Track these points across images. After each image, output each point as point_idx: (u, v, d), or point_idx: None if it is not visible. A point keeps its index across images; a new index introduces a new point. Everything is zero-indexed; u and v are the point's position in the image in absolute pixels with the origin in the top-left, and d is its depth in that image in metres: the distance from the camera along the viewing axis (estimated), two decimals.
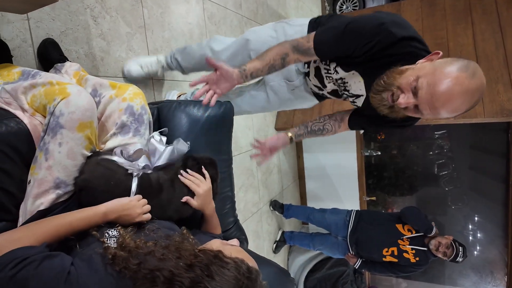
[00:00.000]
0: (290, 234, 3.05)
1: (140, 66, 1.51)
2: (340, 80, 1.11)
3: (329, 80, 1.17)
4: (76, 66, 1.12)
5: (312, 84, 1.29)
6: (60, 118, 0.80)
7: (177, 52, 1.52)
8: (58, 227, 0.70)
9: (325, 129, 1.33)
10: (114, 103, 0.91)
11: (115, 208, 0.79)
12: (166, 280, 0.57)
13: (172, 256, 0.62)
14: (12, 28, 1.09)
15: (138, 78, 1.53)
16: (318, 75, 1.20)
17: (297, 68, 1.27)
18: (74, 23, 1.29)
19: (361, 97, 1.09)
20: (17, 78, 0.92)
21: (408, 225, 2.32)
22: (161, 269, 0.59)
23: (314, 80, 1.24)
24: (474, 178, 3.72)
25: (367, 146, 3.74)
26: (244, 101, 1.48)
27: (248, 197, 2.68)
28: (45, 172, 0.79)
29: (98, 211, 0.77)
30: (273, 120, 3.17)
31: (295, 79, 1.31)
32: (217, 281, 0.58)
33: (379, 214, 2.52)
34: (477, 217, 3.79)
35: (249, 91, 1.47)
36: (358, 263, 2.49)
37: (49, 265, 0.58)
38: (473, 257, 3.71)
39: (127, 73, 1.51)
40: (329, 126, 1.31)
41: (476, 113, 2.38)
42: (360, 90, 1.07)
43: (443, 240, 2.17)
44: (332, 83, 1.18)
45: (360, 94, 1.09)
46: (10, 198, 0.81)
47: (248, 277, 0.61)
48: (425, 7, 2.84)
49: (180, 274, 0.58)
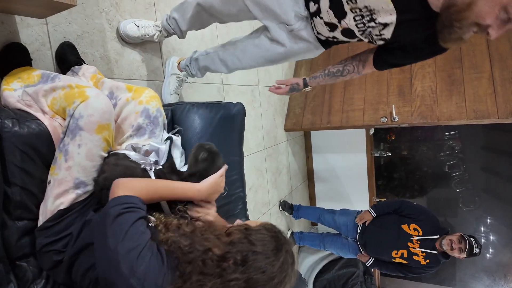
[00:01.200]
0: (300, 235, 3.05)
1: (137, 26, 1.45)
2: (365, 9, 0.97)
3: (351, 5, 0.99)
4: (93, 69, 1.15)
5: (320, 24, 1.11)
6: (79, 120, 0.82)
7: (173, 11, 1.43)
8: (164, 189, 0.82)
9: (345, 69, 1.24)
10: (130, 106, 0.93)
11: (210, 188, 0.89)
12: (219, 258, 0.64)
13: (212, 235, 0.69)
14: (32, 32, 1.12)
15: (133, 39, 1.47)
16: (336, 1, 1.02)
17: (295, 11, 1.13)
18: (90, 27, 1.32)
19: (390, 26, 0.97)
20: (37, 81, 0.94)
21: (413, 224, 2.30)
22: (211, 249, 0.65)
23: (328, 14, 1.06)
24: (486, 179, 3.66)
25: (377, 146, 3.71)
26: (247, 53, 1.35)
27: (258, 198, 2.69)
28: (65, 173, 0.82)
29: (193, 186, 0.87)
30: (282, 121, 3.18)
31: (293, 23, 1.16)
32: (260, 245, 0.66)
33: (386, 216, 2.50)
34: (490, 219, 3.73)
35: (252, 40, 1.33)
36: (370, 261, 2.48)
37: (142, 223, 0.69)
38: (486, 260, 3.65)
39: (122, 32, 1.43)
40: (351, 67, 1.23)
41: (490, 113, 2.34)
42: (390, 16, 0.95)
43: (453, 237, 2.14)
44: (353, 13, 1.01)
45: (389, 22, 0.97)
46: (31, 197, 0.84)
47: (280, 231, 0.73)
48: None
49: (230, 250, 0.65)
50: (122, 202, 0.69)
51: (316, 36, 1.19)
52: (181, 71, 1.61)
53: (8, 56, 1.02)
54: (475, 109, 2.41)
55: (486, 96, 2.41)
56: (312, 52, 1.26)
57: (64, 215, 0.81)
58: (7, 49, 1.03)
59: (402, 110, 2.66)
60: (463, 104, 2.46)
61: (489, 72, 2.45)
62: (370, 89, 2.87)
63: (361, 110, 2.84)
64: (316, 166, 3.76)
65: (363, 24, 1.02)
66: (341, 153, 3.58)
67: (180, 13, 1.39)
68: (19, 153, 0.80)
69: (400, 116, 2.64)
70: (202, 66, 1.51)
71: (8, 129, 0.79)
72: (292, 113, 3.20)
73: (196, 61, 1.52)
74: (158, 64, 1.67)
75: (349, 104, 2.92)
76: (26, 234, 0.83)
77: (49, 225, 0.81)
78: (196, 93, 1.96)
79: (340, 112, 2.93)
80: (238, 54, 1.36)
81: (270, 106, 2.91)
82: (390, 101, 2.74)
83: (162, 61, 1.70)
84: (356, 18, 1.01)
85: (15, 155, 0.80)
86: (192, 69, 1.56)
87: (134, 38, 1.46)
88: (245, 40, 1.35)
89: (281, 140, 3.15)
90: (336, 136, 3.54)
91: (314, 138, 3.72)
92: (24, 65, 1.04)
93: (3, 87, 0.93)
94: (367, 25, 1.01)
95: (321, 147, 3.70)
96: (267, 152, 2.84)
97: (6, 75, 0.98)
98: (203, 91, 2.02)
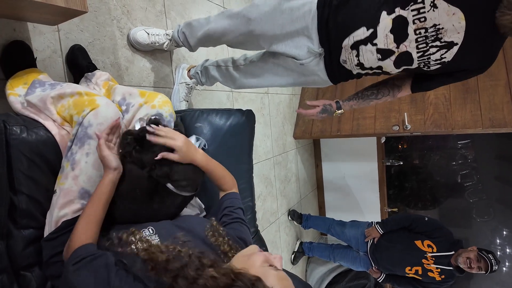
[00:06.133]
0: (309, 245, 2.99)
1: (147, 34, 1.44)
2: (433, 28, 0.92)
3: (417, 25, 0.93)
4: (106, 76, 1.14)
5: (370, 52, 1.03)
6: (88, 128, 0.81)
7: (184, 25, 1.41)
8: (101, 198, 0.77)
9: (380, 93, 1.21)
10: (142, 110, 0.92)
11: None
12: None
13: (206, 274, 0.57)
14: (44, 39, 1.12)
15: (143, 46, 1.46)
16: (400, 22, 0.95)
17: (308, 46, 1.11)
18: (102, 34, 1.32)
19: (455, 47, 0.93)
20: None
21: (427, 240, 2.21)
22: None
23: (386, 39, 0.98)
24: (501, 189, 3.55)
25: (388, 155, 3.64)
26: (256, 76, 1.35)
27: (267, 206, 2.65)
28: (71, 182, 0.80)
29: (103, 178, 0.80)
30: (292, 128, 3.15)
31: (303, 59, 1.14)
32: None
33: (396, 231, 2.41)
34: (506, 231, 3.61)
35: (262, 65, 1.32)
36: (381, 278, 2.40)
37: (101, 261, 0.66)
38: (503, 274, 3.52)
39: (132, 39, 1.43)
40: (386, 90, 1.20)
41: (507, 122, 2.27)
42: (458, 34, 0.90)
43: (470, 254, 2.04)
44: (416, 34, 0.95)
45: (456, 42, 0.92)
46: (38, 206, 0.82)
47: None
48: None
49: None
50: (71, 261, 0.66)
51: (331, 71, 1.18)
52: (191, 78, 1.60)
53: (12, 56, 1.01)
54: (491, 118, 2.34)
55: (502, 104, 2.34)
56: (318, 84, 1.27)
57: (69, 226, 0.79)
58: (11, 48, 1.01)
59: (415, 118, 2.60)
60: (478, 112, 2.40)
61: (505, 79, 2.39)
62: None
63: (372, 118, 2.80)
64: (325, 174, 3.70)
65: (425, 45, 0.96)
66: (351, 161, 3.52)
67: (189, 30, 1.38)
68: (26, 160, 0.79)
69: (413, 124, 2.58)
70: (211, 76, 1.50)
71: (15, 136, 0.78)
72: (302, 121, 3.17)
73: (206, 70, 1.51)
74: (168, 72, 1.67)
75: (360, 112, 2.88)
76: (32, 243, 0.81)
77: (55, 236, 0.79)
78: (205, 100, 1.95)
79: (351, 120, 2.89)
80: (247, 75, 1.37)
81: (279, 113, 2.89)
82: (402, 109, 2.68)
83: (172, 69, 1.69)
84: (418, 39, 0.95)
85: (22, 162, 0.78)
86: (201, 78, 1.55)
87: (144, 45, 1.46)
88: (256, 64, 1.34)
89: (290, 148, 3.11)
90: (347, 144, 3.49)
91: (323, 146, 3.68)
92: (28, 66, 1.02)
93: (8, 92, 0.92)
94: (429, 45, 0.95)
95: (331, 155, 3.65)
96: (276, 160, 2.81)
97: (11, 77, 0.97)
98: (212, 98, 2.01)
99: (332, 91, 3.13)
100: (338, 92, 3.06)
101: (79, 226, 0.72)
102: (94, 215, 0.75)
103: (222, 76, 1.46)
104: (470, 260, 2.01)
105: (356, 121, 2.86)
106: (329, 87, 3.18)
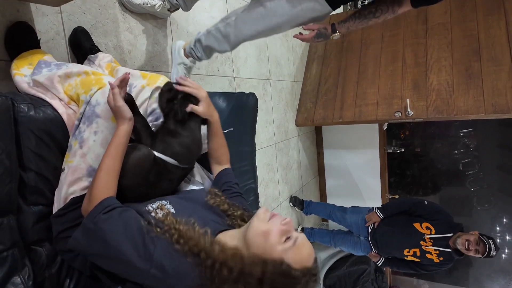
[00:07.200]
0: (310, 231, 3.03)
1: None
2: None
3: None
4: (109, 58, 1.14)
5: None
6: (96, 107, 0.82)
7: None
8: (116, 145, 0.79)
9: (378, 10, 1.16)
10: (145, 92, 0.93)
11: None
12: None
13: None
14: (47, 21, 1.12)
15: (135, 6, 1.41)
16: None
17: None
18: (104, 17, 1.32)
19: None
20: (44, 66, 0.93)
21: (425, 222, 2.25)
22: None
23: None
24: (502, 178, 3.57)
25: (390, 143, 3.65)
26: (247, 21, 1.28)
27: (268, 192, 2.68)
28: (79, 160, 0.81)
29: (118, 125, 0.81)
30: (294, 115, 3.15)
31: None
32: None
33: (396, 215, 2.44)
34: (506, 219, 3.64)
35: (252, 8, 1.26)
36: (380, 261, 2.44)
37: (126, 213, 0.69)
38: (502, 260, 3.56)
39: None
40: (384, 7, 1.15)
41: (510, 107, 2.26)
42: None
43: (470, 237, 2.06)
44: None
45: None
46: (46, 183, 0.84)
47: None
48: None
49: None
50: (99, 211, 0.68)
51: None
52: (188, 57, 1.56)
53: (16, 38, 1.01)
54: (493, 103, 2.34)
55: (506, 90, 2.33)
56: (317, 12, 1.18)
57: (78, 203, 0.81)
58: (15, 29, 1.01)
59: (417, 105, 2.60)
60: (481, 98, 2.39)
61: (509, 64, 2.37)
62: (383, 83, 2.82)
63: (374, 105, 2.79)
64: (327, 161, 3.72)
65: None
66: (353, 148, 3.53)
67: None
68: (34, 138, 0.80)
69: (415, 110, 2.58)
70: (205, 46, 1.44)
71: (24, 114, 0.79)
72: (304, 108, 3.17)
73: (199, 42, 1.46)
74: (170, 56, 1.67)
75: (362, 99, 2.87)
76: (41, 219, 0.83)
77: (64, 212, 0.81)
78: (207, 85, 1.95)
79: (353, 106, 2.88)
80: (238, 25, 1.30)
81: (281, 100, 2.89)
82: (405, 95, 2.68)
83: None
84: None
85: (31, 140, 0.80)
86: (197, 52, 1.49)
87: (136, 5, 1.40)
88: (246, 12, 1.27)
89: (292, 135, 3.12)
90: (349, 131, 3.49)
91: (325, 133, 3.68)
92: (32, 46, 1.02)
93: (14, 72, 0.92)
94: None
95: (332, 142, 3.65)
96: (278, 147, 2.82)
97: (16, 58, 0.98)
98: (214, 83, 2.01)
99: (336, 66, 3.12)
100: (342, 70, 3.05)
101: (100, 179, 0.73)
102: (112, 167, 0.75)
103: (216, 40, 1.39)
104: (469, 242, 2.04)
105: (358, 107, 2.86)
106: (334, 52, 3.18)
